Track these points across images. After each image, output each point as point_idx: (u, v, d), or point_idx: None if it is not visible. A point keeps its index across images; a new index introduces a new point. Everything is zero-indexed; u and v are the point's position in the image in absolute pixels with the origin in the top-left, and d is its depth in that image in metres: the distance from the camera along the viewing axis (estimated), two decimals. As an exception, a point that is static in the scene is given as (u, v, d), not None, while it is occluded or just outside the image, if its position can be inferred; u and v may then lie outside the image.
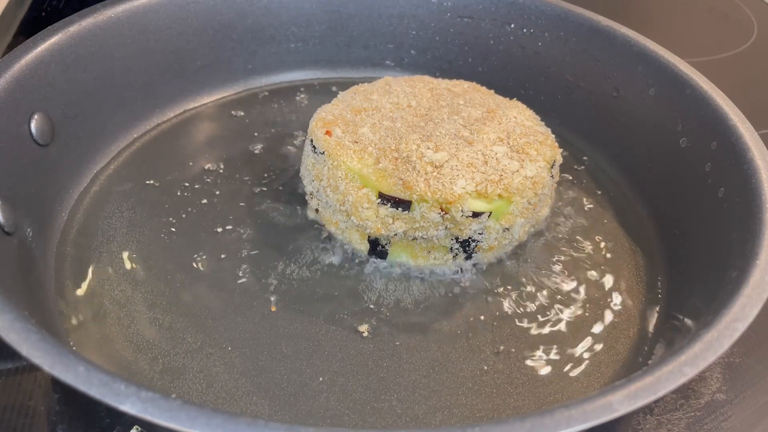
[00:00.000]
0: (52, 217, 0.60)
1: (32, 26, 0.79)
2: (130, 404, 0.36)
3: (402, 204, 0.55)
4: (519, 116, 0.63)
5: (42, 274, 0.55)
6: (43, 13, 0.85)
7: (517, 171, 0.57)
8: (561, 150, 0.63)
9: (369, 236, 0.59)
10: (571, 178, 0.71)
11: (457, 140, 0.58)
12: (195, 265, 0.59)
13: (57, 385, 0.50)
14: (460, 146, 0.58)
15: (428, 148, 0.57)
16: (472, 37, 0.81)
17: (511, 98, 0.68)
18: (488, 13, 0.79)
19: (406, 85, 0.67)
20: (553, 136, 0.63)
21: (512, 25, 0.79)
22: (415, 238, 0.58)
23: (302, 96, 0.81)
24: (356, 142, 0.58)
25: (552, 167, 0.60)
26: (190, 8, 0.73)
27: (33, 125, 0.58)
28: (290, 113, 0.78)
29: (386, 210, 0.56)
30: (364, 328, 0.55)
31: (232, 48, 0.78)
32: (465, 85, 0.68)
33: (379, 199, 0.56)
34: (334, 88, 0.82)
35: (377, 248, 0.60)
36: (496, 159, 0.57)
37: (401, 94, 0.65)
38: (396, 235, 0.57)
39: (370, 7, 0.82)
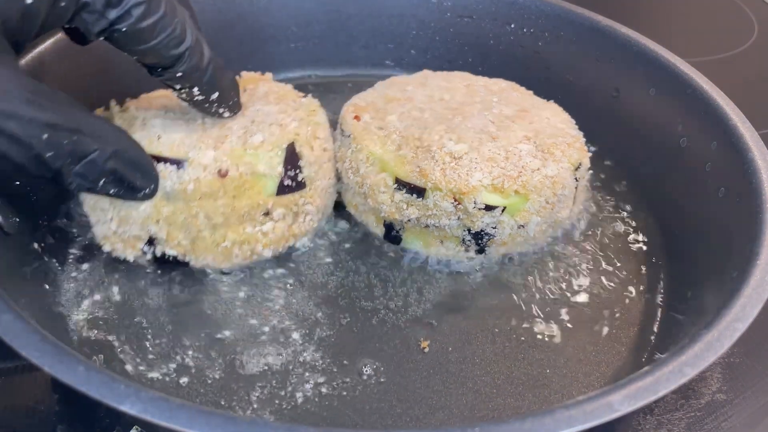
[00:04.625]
0: (52, 217, 0.60)
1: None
2: (130, 404, 0.36)
3: (417, 191, 0.56)
4: (552, 118, 0.63)
5: (42, 275, 0.55)
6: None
7: (538, 169, 0.57)
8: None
9: (384, 220, 0.60)
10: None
11: (482, 135, 0.59)
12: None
13: (57, 385, 0.50)
14: (484, 140, 0.58)
15: (450, 140, 0.58)
16: (472, 37, 0.81)
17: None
18: (488, 13, 0.79)
19: (443, 79, 0.68)
20: (584, 140, 0.62)
21: (512, 25, 0.79)
22: (427, 226, 0.58)
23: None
24: (382, 129, 0.60)
25: (577, 170, 0.59)
26: (190, 8, 0.73)
27: (33, 125, 0.58)
28: (290, 113, 0.78)
29: (401, 195, 0.57)
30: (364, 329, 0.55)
31: (232, 48, 0.78)
32: (503, 83, 0.68)
33: (396, 184, 0.57)
34: (334, 88, 0.82)
35: (392, 233, 0.61)
36: (519, 156, 0.57)
37: (436, 88, 0.66)
38: (409, 221, 0.58)
39: (370, 7, 0.82)
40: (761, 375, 0.55)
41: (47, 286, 0.55)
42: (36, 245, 0.56)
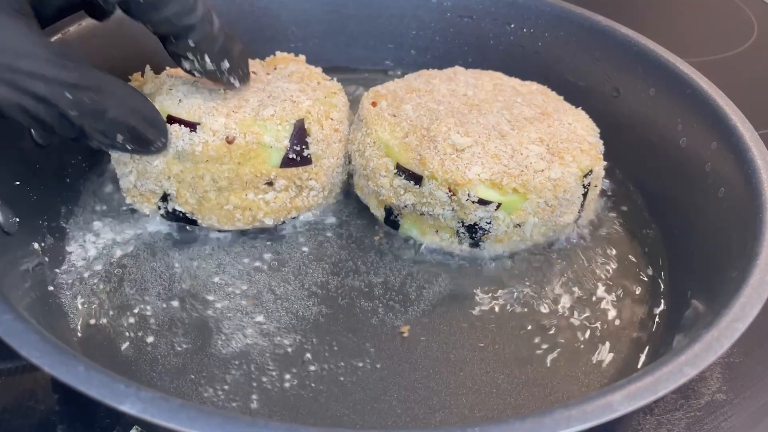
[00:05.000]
0: (52, 217, 0.60)
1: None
2: (130, 404, 0.36)
3: (415, 178, 0.57)
4: (575, 124, 0.63)
5: (42, 274, 0.55)
6: (43, 13, 0.85)
7: (542, 171, 0.57)
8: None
9: (384, 204, 0.61)
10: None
11: (492, 131, 0.59)
12: (196, 261, 0.59)
13: (57, 385, 0.50)
14: (492, 137, 0.58)
15: (457, 133, 0.58)
16: (472, 37, 0.81)
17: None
18: (488, 13, 0.79)
19: (471, 76, 0.68)
20: (602, 149, 0.62)
21: (512, 25, 0.79)
22: (422, 214, 0.59)
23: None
24: (395, 116, 0.61)
25: (586, 176, 0.59)
26: (190, 8, 0.73)
27: (33, 125, 0.58)
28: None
29: (400, 181, 0.58)
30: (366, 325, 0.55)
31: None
32: (534, 86, 0.68)
33: (396, 170, 0.58)
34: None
35: (391, 217, 0.62)
36: (525, 155, 0.57)
37: (462, 84, 0.67)
38: (406, 206, 0.59)
39: (370, 7, 0.82)
40: (761, 375, 0.55)
41: (47, 286, 0.55)
42: (36, 245, 0.56)
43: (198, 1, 0.49)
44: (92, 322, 0.54)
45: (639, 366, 0.53)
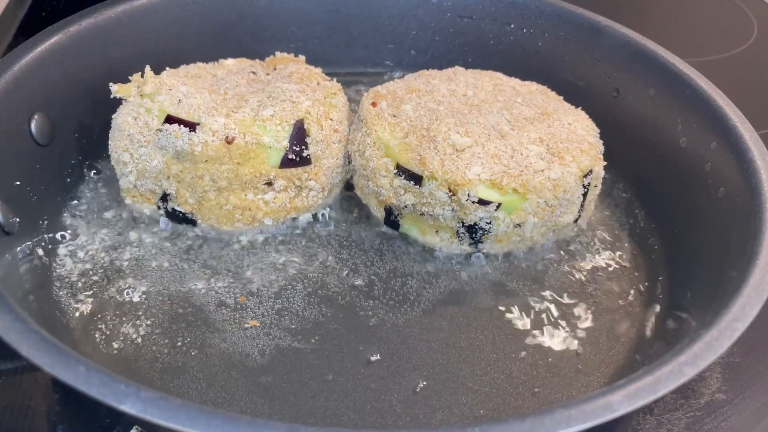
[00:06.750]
0: (52, 217, 0.60)
1: (32, 26, 0.79)
2: (130, 404, 0.36)
3: (415, 178, 0.57)
4: (575, 124, 0.62)
5: (42, 275, 0.56)
6: (43, 13, 0.85)
7: (542, 171, 0.57)
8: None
9: (384, 205, 0.61)
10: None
11: (492, 131, 0.59)
12: (196, 261, 0.59)
13: (57, 385, 0.50)
14: (492, 137, 0.58)
15: (457, 133, 0.58)
16: (472, 38, 0.81)
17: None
18: (488, 13, 0.79)
19: (471, 76, 0.68)
20: (602, 149, 0.62)
21: (512, 25, 0.79)
22: (422, 214, 0.59)
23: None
24: (395, 116, 0.61)
25: (586, 176, 0.59)
26: (191, 8, 0.73)
27: (33, 125, 0.58)
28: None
29: (400, 181, 0.58)
30: (365, 329, 0.55)
31: (232, 48, 0.78)
32: (534, 86, 0.68)
33: (396, 170, 0.58)
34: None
35: (390, 218, 0.62)
36: (525, 156, 0.57)
37: (462, 84, 0.66)
38: (405, 207, 0.59)
39: (370, 7, 0.82)
40: (761, 375, 0.55)
41: (47, 287, 0.55)
42: (36, 245, 0.56)
43: None
44: (92, 321, 0.54)
45: (638, 366, 0.53)
